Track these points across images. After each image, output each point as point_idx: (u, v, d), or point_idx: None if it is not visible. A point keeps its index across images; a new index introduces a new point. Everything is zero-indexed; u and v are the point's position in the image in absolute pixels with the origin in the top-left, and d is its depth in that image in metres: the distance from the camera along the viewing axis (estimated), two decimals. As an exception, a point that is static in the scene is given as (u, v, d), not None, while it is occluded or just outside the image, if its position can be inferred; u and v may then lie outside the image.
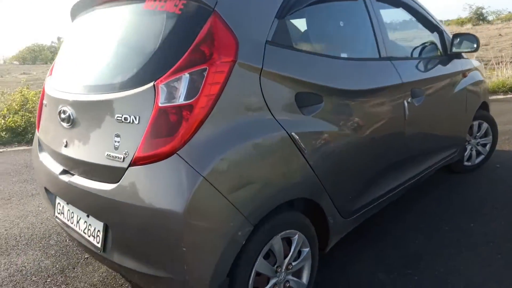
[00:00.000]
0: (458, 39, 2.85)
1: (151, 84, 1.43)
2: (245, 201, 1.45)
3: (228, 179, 1.40)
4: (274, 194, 1.55)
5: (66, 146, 1.80)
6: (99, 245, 1.66)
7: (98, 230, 1.66)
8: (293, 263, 1.75)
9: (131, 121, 1.47)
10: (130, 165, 1.44)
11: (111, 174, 1.52)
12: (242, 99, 1.48)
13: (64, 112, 1.75)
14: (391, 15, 2.85)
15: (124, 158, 1.47)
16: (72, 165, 1.78)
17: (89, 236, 1.73)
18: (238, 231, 1.43)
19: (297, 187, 1.66)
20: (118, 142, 1.51)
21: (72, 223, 1.85)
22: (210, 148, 1.38)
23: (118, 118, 1.51)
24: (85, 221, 1.74)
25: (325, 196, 1.82)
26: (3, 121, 6.21)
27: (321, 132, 1.76)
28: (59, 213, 1.96)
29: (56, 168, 1.90)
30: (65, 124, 1.77)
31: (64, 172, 1.83)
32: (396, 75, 2.22)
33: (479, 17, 34.44)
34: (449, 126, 2.91)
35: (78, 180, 1.71)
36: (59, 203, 1.94)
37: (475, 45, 2.78)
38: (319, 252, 1.97)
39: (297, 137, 1.61)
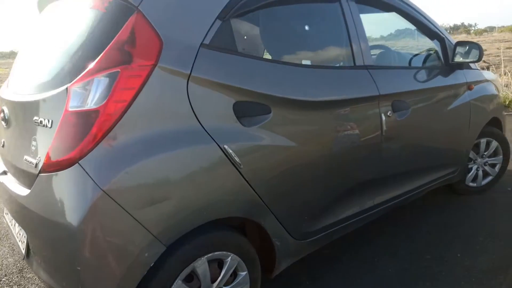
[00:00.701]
0: (461, 48, 2.57)
1: (65, 86, 1.33)
2: (155, 219, 1.32)
3: (135, 194, 1.28)
4: (195, 213, 1.41)
5: (3, 146, 1.75)
6: (23, 251, 1.59)
7: (24, 236, 1.59)
8: (225, 288, 1.60)
9: (45, 125, 1.38)
10: (40, 172, 1.35)
11: (27, 179, 1.45)
12: (163, 107, 1.35)
13: (3, 111, 1.70)
14: (382, 20, 2.63)
15: (36, 164, 1.38)
16: (6, 166, 1.73)
17: (19, 241, 1.67)
18: (145, 252, 1.31)
19: (227, 205, 1.51)
20: (35, 146, 1.43)
21: (12, 225, 1.79)
22: (115, 159, 1.26)
23: (35, 121, 1.43)
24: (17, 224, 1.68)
25: (269, 216, 1.66)
26: None
27: (266, 146, 1.59)
28: (6, 213, 1.92)
29: (0, 167, 1.85)
30: (3, 124, 1.72)
31: (4, 172, 1.78)
32: (372, 86, 2.01)
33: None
34: (445, 144, 2.64)
35: (7, 181, 1.65)
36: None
37: (477, 55, 2.49)
38: (268, 275, 1.82)
39: (231, 151, 1.46)
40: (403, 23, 2.53)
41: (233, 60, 1.53)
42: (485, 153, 3.10)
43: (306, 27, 1.86)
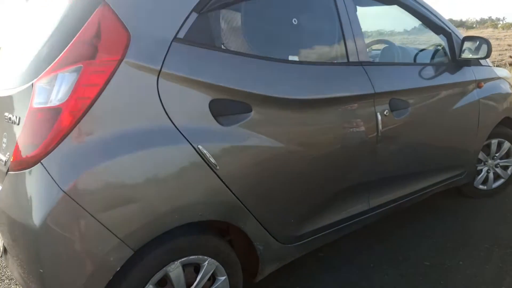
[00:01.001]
0: (469, 43, 2.42)
1: (31, 82, 1.29)
2: (121, 222, 1.26)
3: (99, 196, 1.22)
4: (165, 216, 1.34)
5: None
6: (1, 248, 1.56)
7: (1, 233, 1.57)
8: (202, 293, 1.54)
9: (14, 122, 1.34)
10: (8, 170, 1.32)
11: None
12: (131, 104, 1.29)
13: None
14: (383, 14, 2.51)
15: (6, 161, 1.35)
16: None
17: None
18: (110, 256, 1.25)
19: (202, 208, 1.44)
20: (5, 143, 1.39)
21: None
22: (78, 159, 1.20)
23: (5, 117, 1.39)
24: None
25: (250, 219, 1.58)
26: None
27: (247, 146, 1.52)
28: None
29: None
30: None
31: None
32: (367, 84, 1.90)
33: None
34: (450, 144, 2.50)
35: None
36: None
37: (485, 51, 2.34)
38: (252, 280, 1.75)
39: (206, 151, 1.39)
40: (407, 17, 2.40)
41: (210, 56, 1.46)
42: (497, 155, 2.93)
43: (294, 21, 1.76)
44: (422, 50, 2.69)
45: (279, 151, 1.61)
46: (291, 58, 1.73)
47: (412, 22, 2.46)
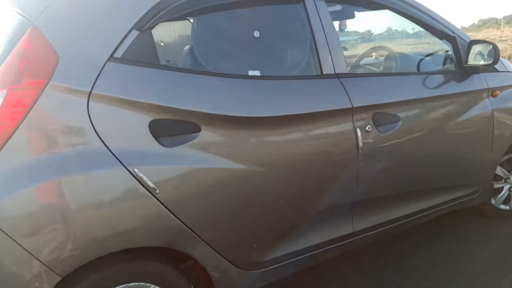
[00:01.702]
0: (477, 48, 2.18)
1: None
2: (47, 248, 1.23)
3: (23, 221, 1.20)
4: (99, 241, 1.30)
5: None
6: None
7: None
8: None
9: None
10: None
11: None
12: (58, 128, 1.25)
13: None
14: (376, 19, 2.34)
15: None
16: None
17: None
18: (35, 282, 1.23)
19: (139, 234, 1.37)
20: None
21: None
22: (1, 184, 1.19)
23: None
24: None
25: (199, 245, 1.50)
26: None
27: (196, 169, 1.44)
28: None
29: None
30: None
31: None
32: (343, 97, 1.75)
33: None
34: (455, 160, 2.24)
35: None
36: None
37: (492, 57, 2.09)
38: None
39: (142, 174, 1.33)
40: (406, 22, 2.21)
41: (151, 74, 1.40)
42: (520, 171, 2.62)
43: (256, 33, 1.66)
44: (426, 56, 2.47)
45: (235, 173, 1.51)
46: (251, 73, 1.63)
47: (413, 26, 2.27)
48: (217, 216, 1.52)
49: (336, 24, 3.11)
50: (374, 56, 2.85)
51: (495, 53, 2.07)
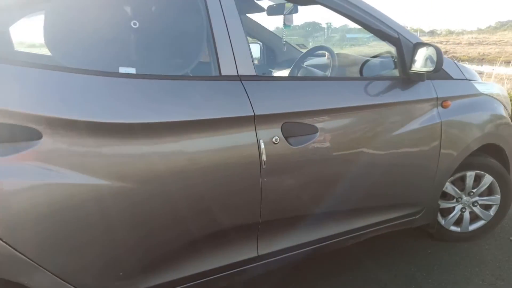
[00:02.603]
0: (422, 52, 1.90)
1: None
2: None
3: None
4: None
5: None
6: None
7: None
8: None
9: None
10: None
11: None
12: None
13: None
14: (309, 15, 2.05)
15: None
16: None
17: None
18: None
19: None
20: None
21: None
22: None
23: None
24: None
25: (39, 273, 1.26)
26: None
27: (32, 184, 1.19)
28: None
29: None
30: None
31: None
32: (244, 103, 1.49)
33: None
34: (389, 177, 1.97)
35: None
36: None
37: (434, 63, 1.81)
38: None
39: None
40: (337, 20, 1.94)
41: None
42: (474, 191, 2.35)
43: (134, 23, 1.39)
44: (372, 58, 2.20)
45: (87, 188, 1.26)
46: (123, 70, 1.37)
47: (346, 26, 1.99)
48: (65, 239, 1.27)
49: (279, 19, 2.85)
50: (326, 57, 2.57)
51: (437, 58, 1.79)
